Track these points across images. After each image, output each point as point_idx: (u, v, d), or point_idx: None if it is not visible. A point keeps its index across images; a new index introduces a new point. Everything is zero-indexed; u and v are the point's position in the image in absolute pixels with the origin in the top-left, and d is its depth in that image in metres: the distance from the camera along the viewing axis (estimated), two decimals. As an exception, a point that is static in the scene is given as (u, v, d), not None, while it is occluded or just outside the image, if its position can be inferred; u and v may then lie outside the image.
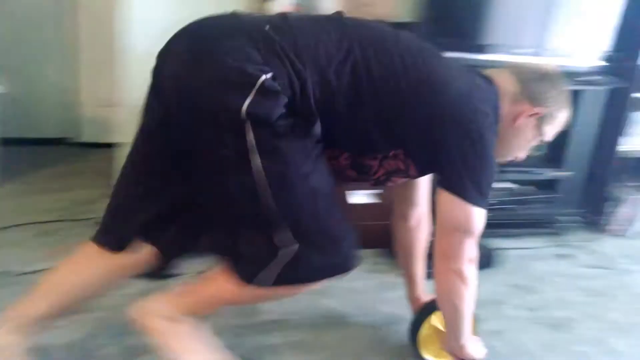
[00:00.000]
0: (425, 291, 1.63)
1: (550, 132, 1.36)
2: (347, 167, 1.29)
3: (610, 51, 2.51)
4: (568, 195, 2.64)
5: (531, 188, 2.63)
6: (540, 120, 1.32)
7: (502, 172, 2.48)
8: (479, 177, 1.20)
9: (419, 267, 1.64)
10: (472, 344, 1.42)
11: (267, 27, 1.13)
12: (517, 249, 2.42)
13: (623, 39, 2.51)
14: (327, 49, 1.13)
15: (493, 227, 2.44)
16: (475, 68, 1.38)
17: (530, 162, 2.66)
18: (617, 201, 2.71)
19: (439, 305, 1.39)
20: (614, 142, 2.65)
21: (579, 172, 2.63)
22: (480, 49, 2.35)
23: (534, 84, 1.31)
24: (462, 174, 1.19)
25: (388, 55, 1.16)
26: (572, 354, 1.68)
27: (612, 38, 2.50)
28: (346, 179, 1.34)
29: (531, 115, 1.30)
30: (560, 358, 1.65)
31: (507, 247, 2.41)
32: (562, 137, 2.65)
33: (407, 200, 1.56)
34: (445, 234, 1.27)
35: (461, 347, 1.40)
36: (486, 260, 2.23)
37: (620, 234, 2.74)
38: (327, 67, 1.12)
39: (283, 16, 1.20)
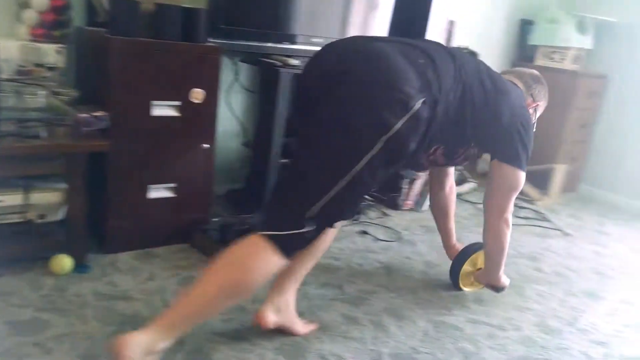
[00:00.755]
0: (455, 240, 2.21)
1: (536, 117, 1.95)
2: (441, 155, 1.78)
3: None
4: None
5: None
6: (536, 110, 1.93)
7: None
8: (527, 152, 1.74)
9: (453, 222, 2.21)
10: (504, 276, 1.99)
11: (421, 60, 1.42)
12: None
13: (397, 31, 2.76)
14: (451, 79, 1.48)
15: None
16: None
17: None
18: (409, 179, 2.97)
19: (487, 246, 1.91)
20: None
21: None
22: (277, 38, 2.39)
23: (533, 84, 1.91)
24: (519, 152, 1.71)
25: (481, 80, 1.59)
26: (372, 325, 1.78)
27: (390, 30, 2.73)
28: (433, 164, 1.92)
29: (531, 107, 1.89)
30: (362, 331, 1.74)
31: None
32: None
33: (444, 173, 2.12)
34: (501, 194, 1.78)
35: (499, 277, 1.97)
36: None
37: (413, 209, 3.02)
38: (450, 92, 1.47)
39: (420, 49, 1.48)
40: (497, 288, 2.01)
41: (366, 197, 2.86)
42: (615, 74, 3.62)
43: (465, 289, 2.12)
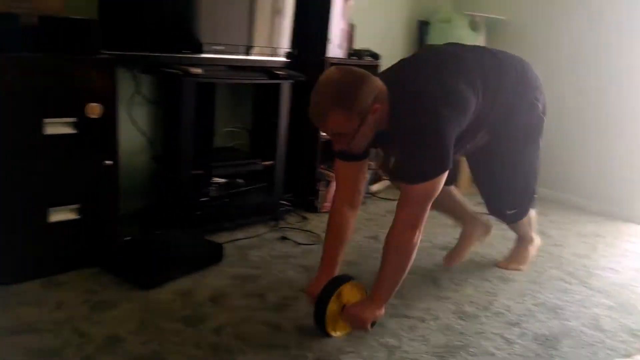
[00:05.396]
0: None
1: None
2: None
3: (291, 48, 2.76)
4: (281, 182, 2.81)
5: (244, 180, 2.73)
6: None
7: (215, 167, 2.52)
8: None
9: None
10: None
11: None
12: (239, 240, 2.48)
13: (299, 37, 2.78)
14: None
15: (214, 221, 2.51)
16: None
17: (239, 155, 2.77)
18: (326, 181, 2.99)
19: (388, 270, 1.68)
20: (316, 128, 2.91)
21: (287, 159, 2.82)
22: (177, 47, 2.32)
23: None
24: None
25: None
26: (296, 331, 1.77)
27: (292, 36, 2.75)
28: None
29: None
30: (286, 338, 1.73)
31: (229, 239, 2.45)
32: (266, 129, 2.81)
33: (359, 189, 1.86)
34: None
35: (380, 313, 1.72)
36: (215, 256, 2.23)
37: (331, 211, 3.04)
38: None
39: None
40: (372, 323, 1.71)
41: (284, 202, 2.85)
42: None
43: (336, 333, 1.74)
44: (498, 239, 2.76)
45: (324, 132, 1.66)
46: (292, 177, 2.97)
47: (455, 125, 1.64)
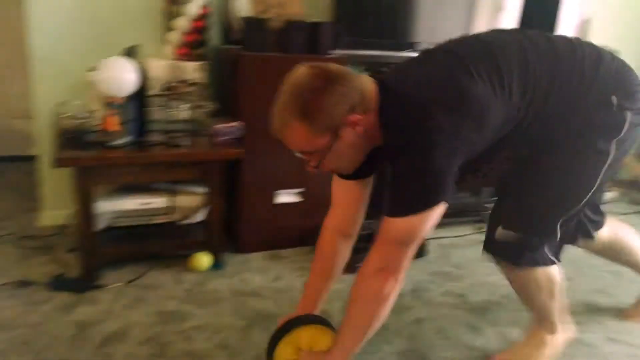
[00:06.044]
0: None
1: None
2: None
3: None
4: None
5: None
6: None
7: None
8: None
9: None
10: None
11: None
12: (444, 238, 2.49)
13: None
14: None
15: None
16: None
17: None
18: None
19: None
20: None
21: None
22: (398, 46, 2.41)
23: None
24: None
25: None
26: (497, 336, 1.73)
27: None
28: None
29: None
30: (482, 340, 1.71)
31: (432, 237, 2.47)
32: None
33: (356, 215, 1.52)
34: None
35: None
36: (418, 250, 2.27)
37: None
38: None
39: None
40: None
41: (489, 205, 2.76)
42: None
43: None
44: None
45: (290, 149, 1.24)
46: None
47: (460, 140, 1.16)
